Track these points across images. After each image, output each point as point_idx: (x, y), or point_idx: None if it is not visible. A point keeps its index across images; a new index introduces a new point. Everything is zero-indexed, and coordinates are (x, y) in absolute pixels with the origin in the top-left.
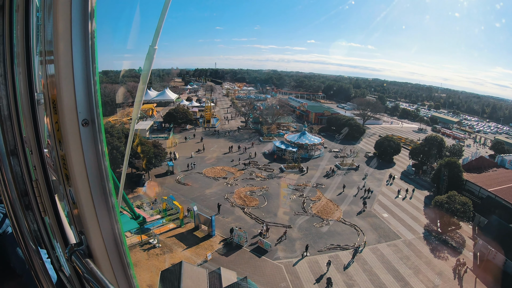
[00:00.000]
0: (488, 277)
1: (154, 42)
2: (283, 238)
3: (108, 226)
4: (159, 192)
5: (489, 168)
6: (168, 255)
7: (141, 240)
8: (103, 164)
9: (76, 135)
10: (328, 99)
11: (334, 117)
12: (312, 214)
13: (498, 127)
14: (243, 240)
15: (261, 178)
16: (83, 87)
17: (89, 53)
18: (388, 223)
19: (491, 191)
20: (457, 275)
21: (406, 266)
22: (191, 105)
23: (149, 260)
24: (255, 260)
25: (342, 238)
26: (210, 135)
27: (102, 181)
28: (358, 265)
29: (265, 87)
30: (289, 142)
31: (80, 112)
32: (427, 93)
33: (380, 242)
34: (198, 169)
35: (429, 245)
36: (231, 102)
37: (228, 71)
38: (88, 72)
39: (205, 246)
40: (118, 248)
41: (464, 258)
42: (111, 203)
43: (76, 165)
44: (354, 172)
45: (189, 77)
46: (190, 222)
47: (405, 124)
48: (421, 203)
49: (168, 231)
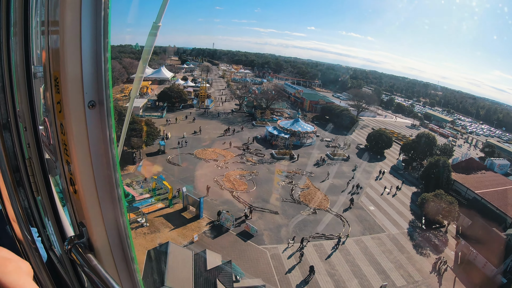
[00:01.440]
0: (467, 277)
1: (158, 19)
2: (244, 219)
3: (113, 219)
4: (150, 171)
5: (478, 170)
6: (155, 235)
7: (129, 219)
8: (111, 152)
9: (81, 118)
10: (324, 87)
11: (329, 106)
12: (300, 202)
13: (491, 130)
14: (230, 223)
15: (252, 163)
16: (92, 64)
17: (101, 25)
18: (373, 216)
19: (477, 193)
20: (437, 273)
21: (388, 259)
22: (186, 85)
23: (136, 238)
24: (241, 244)
25: (328, 227)
26: (203, 116)
27: (108, 170)
28: (341, 255)
29: (262, 71)
30: (281, 128)
31: (86, 93)
32: (423, 90)
33: (365, 234)
34: (189, 149)
35: (412, 241)
36: (227, 84)
37: (226, 52)
38: (98, 47)
39: (192, 228)
40: (122, 242)
41: (445, 256)
42: (118, 194)
43: (79, 152)
44: (345, 163)
45: (186, 56)
46: (179, 203)
47: (399, 119)
48: (408, 199)
49: (157, 210)
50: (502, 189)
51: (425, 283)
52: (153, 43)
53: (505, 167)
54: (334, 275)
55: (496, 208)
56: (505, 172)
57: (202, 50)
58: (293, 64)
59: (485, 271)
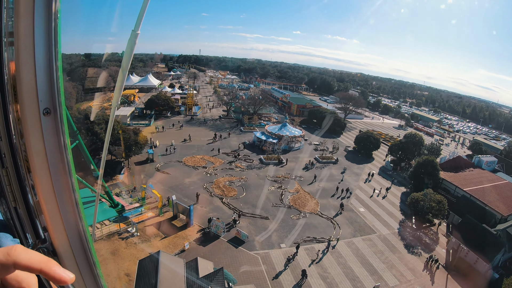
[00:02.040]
0: (459, 274)
1: (137, 26)
2: (233, 224)
3: (73, 223)
4: (138, 180)
5: (466, 168)
6: (146, 244)
7: (120, 229)
8: (66, 157)
9: (37, 125)
10: (311, 91)
11: (316, 110)
12: (290, 206)
13: (478, 127)
14: (220, 230)
15: (241, 169)
16: (45, 73)
17: (52, 35)
18: (364, 218)
19: (466, 191)
20: (429, 271)
21: (380, 260)
22: (173, 92)
23: (127, 248)
24: (232, 250)
25: (318, 230)
26: (191, 123)
27: (65, 175)
28: (333, 258)
29: (248, 76)
30: (269, 133)
31: (41, 101)
32: (410, 90)
33: (356, 236)
34: (178, 157)
35: (403, 241)
36: (214, 91)
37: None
38: (50, 56)
39: (183, 236)
40: (83, 246)
41: (436, 254)
42: (75, 198)
43: (37, 157)
44: (333, 166)
45: (173, 63)
46: (169, 211)
47: (386, 120)
48: (398, 199)
49: (147, 219)
50: (490, 185)
51: (417, 282)
52: (133, 51)
53: (493, 164)
54: (326, 278)
55: (485, 205)
56: (493, 169)
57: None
58: (280, 69)
59: (476, 267)
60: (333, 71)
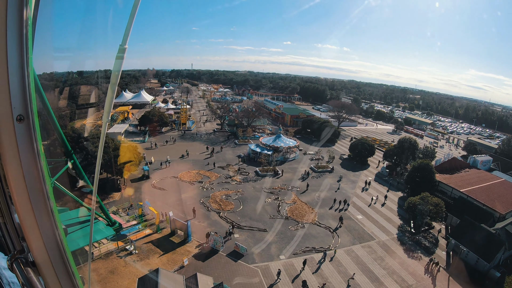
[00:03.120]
0: (461, 275)
1: (124, 41)
2: (229, 236)
3: (50, 231)
4: (135, 197)
5: (462, 169)
6: (145, 262)
7: (118, 247)
8: (39, 164)
9: (11, 131)
10: (304, 100)
11: (310, 120)
12: (287, 217)
13: (471, 127)
14: (219, 244)
15: (237, 182)
16: (17, 79)
17: (23, 41)
18: (362, 225)
19: (463, 192)
20: (430, 274)
21: (380, 266)
22: (167, 107)
23: (126, 267)
24: (231, 264)
25: (317, 240)
26: (185, 138)
27: (39, 183)
28: (333, 267)
29: (241, 89)
30: (264, 145)
31: (14, 107)
32: (402, 95)
33: (355, 243)
34: (174, 173)
35: (402, 246)
36: (207, 104)
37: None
38: (22, 63)
39: (181, 252)
40: (62, 255)
41: (437, 257)
42: (50, 206)
43: (11, 164)
44: (329, 175)
45: (166, 78)
46: (166, 228)
47: (380, 125)
48: (395, 205)
49: (145, 237)
50: (487, 184)
51: (419, 286)
52: (121, 66)
53: (488, 163)
54: (327, 287)
55: (482, 204)
56: (488, 168)
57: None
58: (272, 80)
59: (478, 267)
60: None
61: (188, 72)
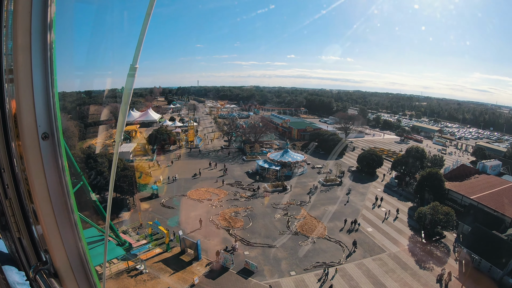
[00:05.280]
0: (474, 284)
1: (135, 60)
2: (230, 250)
3: (73, 244)
4: (144, 216)
5: (471, 175)
6: (155, 281)
7: (128, 267)
8: (64, 179)
9: (36, 149)
10: (310, 113)
11: (317, 133)
12: (297, 232)
13: (479, 132)
14: (229, 262)
15: (245, 198)
16: (43, 99)
17: (48, 64)
18: (372, 237)
19: (473, 199)
20: (443, 285)
21: (392, 279)
22: (174, 125)
23: (136, 286)
24: (242, 282)
25: (327, 255)
26: (193, 155)
27: (63, 196)
28: (344, 281)
29: (247, 104)
30: (272, 161)
31: (39, 126)
32: (408, 103)
33: (365, 257)
34: (182, 191)
35: (414, 257)
36: (214, 121)
37: (211, 89)
38: (47, 83)
39: (192, 270)
40: (84, 266)
41: (449, 267)
42: (74, 219)
43: (37, 180)
44: (338, 188)
45: (172, 95)
46: (176, 246)
47: (387, 135)
48: (405, 215)
49: (155, 256)
50: (497, 190)
51: None
52: (132, 84)
53: (498, 168)
54: None
55: (493, 211)
56: (498, 172)
57: (187, 88)
58: (278, 94)
59: (491, 275)
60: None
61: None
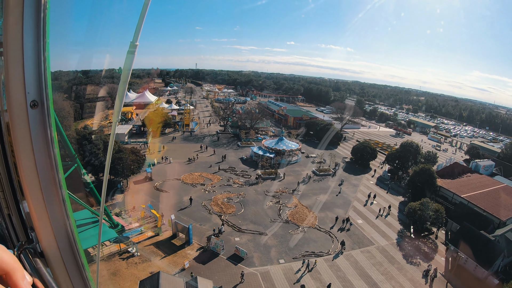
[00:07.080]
0: (459, 282)
1: (136, 38)
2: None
3: (61, 221)
4: (137, 199)
5: (463, 174)
6: (146, 264)
7: (120, 249)
8: (53, 152)
9: (24, 117)
10: (307, 102)
11: (313, 122)
12: (288, 221)
13: (475, 130)
14: (219, 248)
15: (238, 185)
16: (33, 64)
17: (40, 26)
18: (362, 230)
19: (463, 197)
20: (428, 281)
21: (379, 272)
22: (171, 108)
23: (128, 269)
24: (231, 268)
25: (317, 244)
26: (188, 139)
27: (52, 170)
28: (331, 271)
29: (245, 89)
30: (266, 148)
31: (28, 93)
32: (406, 96)
33: (354, 248)
34: (176, 175)
35: (402, 251)
36: (211, 105)
37: (209, 72)
38: (39, 47)
39: (182, 255)
40: (71, 246)
41: (436, 263)
42: (62, 195)
43: (23, 151)
44: (331, 178)
45: (169, 77)
46: (168, 230)
47: (382, 128)
48: (396, 209)
49: (147, 239)
50: (488, 190)
51: None
52: (132, 62)
53: (490, 168)
54: None
55: (483, 210)
56: (490, 173)
57: (185, 71)
58: (276, 81)
59: (476, 274)
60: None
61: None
